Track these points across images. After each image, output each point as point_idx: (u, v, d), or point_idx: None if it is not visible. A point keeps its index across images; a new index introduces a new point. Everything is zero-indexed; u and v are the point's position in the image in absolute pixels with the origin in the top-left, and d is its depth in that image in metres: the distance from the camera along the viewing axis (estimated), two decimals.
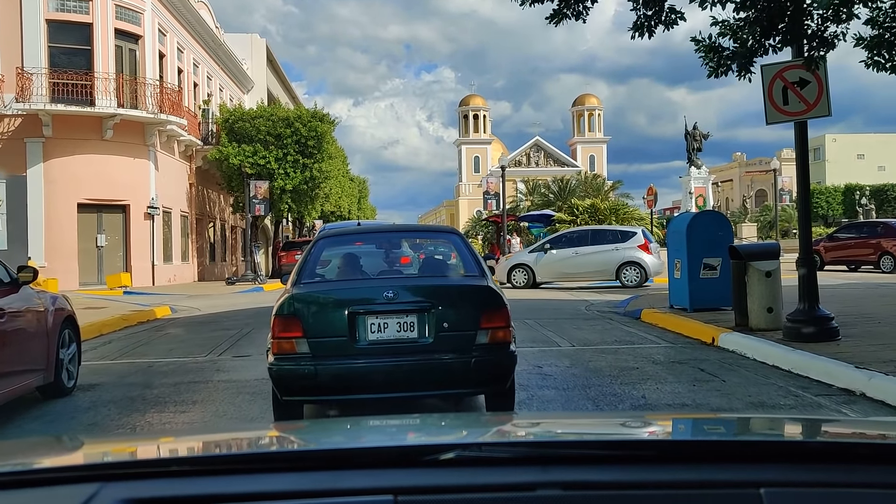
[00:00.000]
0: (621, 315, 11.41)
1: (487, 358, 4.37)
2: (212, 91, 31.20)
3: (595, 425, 1.85)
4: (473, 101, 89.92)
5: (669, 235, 10.76)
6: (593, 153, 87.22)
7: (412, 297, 4.46)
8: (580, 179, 40.94)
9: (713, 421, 1.98)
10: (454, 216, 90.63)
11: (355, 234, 6.24)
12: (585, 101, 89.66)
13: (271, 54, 40.31)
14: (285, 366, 4.31)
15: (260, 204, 26.05)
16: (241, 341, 9.15)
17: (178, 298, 17.63)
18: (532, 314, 11.42)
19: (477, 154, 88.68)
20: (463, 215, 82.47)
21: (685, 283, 10.19)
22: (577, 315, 11.47)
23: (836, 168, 76.28)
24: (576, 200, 30.97)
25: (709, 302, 10.05)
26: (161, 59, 24.73)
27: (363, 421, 2.37)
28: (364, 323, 4.33)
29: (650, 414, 4.27)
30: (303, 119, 26.19)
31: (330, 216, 40.67)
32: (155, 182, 23.46)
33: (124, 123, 21.72)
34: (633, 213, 30.05)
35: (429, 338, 4.34)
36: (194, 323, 11.60)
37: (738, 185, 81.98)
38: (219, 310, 14.13)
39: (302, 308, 4.41)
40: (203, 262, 29.17)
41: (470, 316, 4.42)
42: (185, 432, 3.13)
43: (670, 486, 1.04)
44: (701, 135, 39.79)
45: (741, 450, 1.20)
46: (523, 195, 49.16)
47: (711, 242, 10.03)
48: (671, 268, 10.71)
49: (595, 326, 9.94)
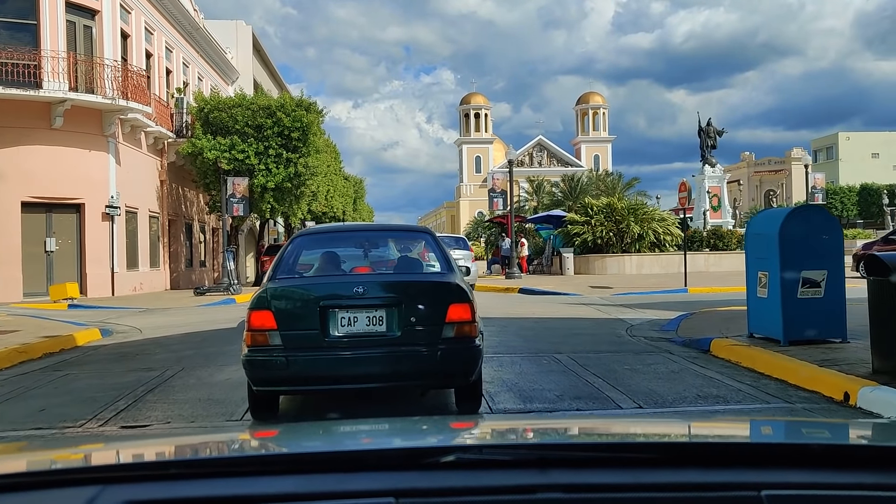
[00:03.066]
0: (679, 344, 8.62)
1: (453, 351, 4.55)
2: (189, 79, 28.40)
3: (596, 428, 1.91)
4: (474, 99, 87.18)
5: (750, 239, 7.95)
6: (598, 152, 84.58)
7: (381, 292, 4.69)
8: (591, 177, 38.12)
9: (714, 424, 2.13)
10: (455, 218, 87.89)
11: (330, 232, 6.65)
12: (590, 100, 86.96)
13: (258, 43, 37.49)
14: (258, 357, 4.52)
15: (238, 203, 23.20)
16: (154, 392, 6.37)
17: (128, 314, 14.85)
18: (562, 342, 8.63)
19: (478, 154, 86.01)
20: (464, 217, 79.76)
21: (776, 304, 7.39)
22: (620, 344, 8.68)
23: (850, 167, 73.48)
24: (590, 199, 28.13)
25: (810, 331, 7.29)
26: (125, 39, 21.94)
27: (361, 424, 2.39)
28: (335, 317, 4.54)
29: (651, 417, 4.36)
30: (286, 108, 23.36)
31: (322, 217, 37.90)
32: (116, 178, 20.65)
33: (77, 110, 18.92)
34: (654, 213, 27.19)
35: (396, 331, 4.53)
36: (115, 356, 8.80)
37: (748, 185, 79.21)
38: (165, 331, 11.34)
39: (275, 302, 4.60)
40: (177, 268, 26.35)
41: (436, 311, 4.58)
42: (186, 435, 3.08)
43: (671, 488, 1.03)
44: (715, 131, 37.41)
45: (742, 452, 1.20)
46: (528, 195, 46.37)
47: (814, 249, 7.25)
48: (752, 282, 7.91)
49: (655, 367, 7.15)
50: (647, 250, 26.01)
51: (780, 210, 8.03)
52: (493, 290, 20.59)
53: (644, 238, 25.73)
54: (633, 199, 30.27)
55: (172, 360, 8.22)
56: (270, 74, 42.79)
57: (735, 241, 27.42)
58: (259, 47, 38.50)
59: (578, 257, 25.92)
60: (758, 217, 7.98)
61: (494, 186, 24.46)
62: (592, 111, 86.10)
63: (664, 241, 26.24)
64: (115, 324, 12.60)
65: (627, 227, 25.59)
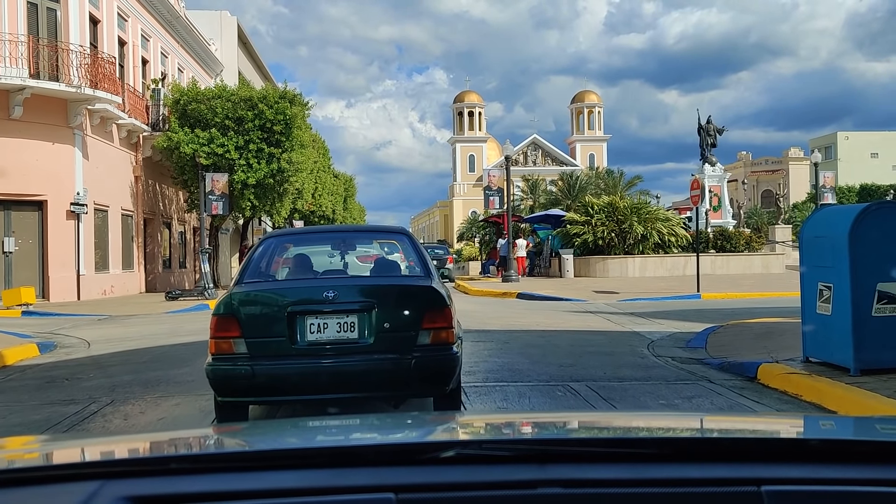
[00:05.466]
0: (715, 367, 7.24)
1: (429, 358, 4.33)
2: (168, 70, 26.87)
3: (595, 423, 1.90)
4: (468, 97, 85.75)
5: (807, 243, 6.56)
6: (593, 151, 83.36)
7: (353, 297, 4.44)
8: (590, 176, 36.74)
9: (714, 419, 2.08)
10: (448, 217, 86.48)
11: (302, 233, 6.69)
12: (585, 98, 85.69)
13: (244, 35, 35.97)
14: (221, 366, 4.28)
15: (218, 201, 21.69)
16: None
17: (85, 323, 13.38)
18: (576, 364, 7.22)
19: (472, 153, 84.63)
20: (458, 216, 78.31)
21: (844, 323, 6.01)
22: (646, 368, 7.26)
23: (849, 167, 72.46)
24: (590, 198, 26.72)
25: (889, 357, 5.91)
26: (95, 24, 20.41)
27: (361, 419, 2.46)
28: (303, 323, 4.31)
29: (651, 413, 4.19)
30: (268, 100, 21.87)
31: (310, 216, 36.41)
32: (83, 173, 19.12)
33: (39, 99, 17.39)
34: (658, 212, 25.80)
35: (369, 338, 4.32)
36: (40, 381, 7.33)
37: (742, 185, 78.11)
38: (115, 346, 9.88)
39: (240, 308, 4.38)
40: (154, 269, 24.83)
41: (412, 316, 4.39)
42: (186, 430, 3.06)
43: (671, 483, 1.03)
44: (716, 129, 36.29)
45: (742, 448, 1.19)
46: (524, 194, 44.90)
47: (892, 256, 5.88)
48: (809, 296, 6.52)
49: (697, 401, 5.75)
50: (650, 252, 24.67)
51: (847, 208, 6.64)
52: (488, 294, 19.17)
53: (648, 239, 24.39)
54: (637, 198, 28.85)
55: (105, 387, 6.79)
56: (258, 68, 41.24)
57: (742, 243, 26.13)
58: (245, 39, 36.98)
59: (578, 259, 24.55)
60: (817, 216, 6.58)
61: (490, 184, 23.06)
62: (587, 110, 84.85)
63: (669, 243, 24.91)
64: (64, 335, 11.14)
65: (630, 228, 24.24)
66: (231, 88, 22.95)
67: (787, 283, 20.46)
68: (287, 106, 21.88)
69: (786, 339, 8.49)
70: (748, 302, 14.95)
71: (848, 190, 65.48)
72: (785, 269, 25.49)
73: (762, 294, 16.70)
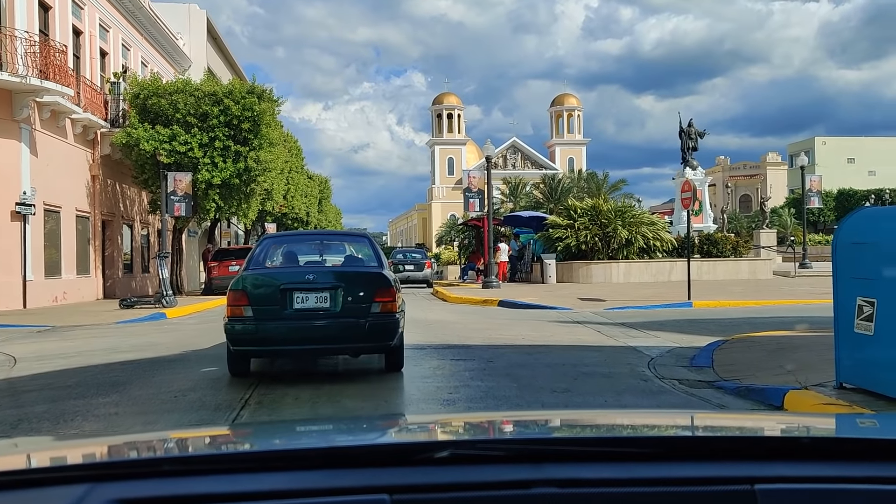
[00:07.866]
0: (730, 393, 6.24)
1: (378, 322, 6.26)
2: (130, 64, 25.46)
3: (589, 422, 1.87)
4: (447, 99, 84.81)
5: (843, 251, 5.57)
6: (573, 155, 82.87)
7: (326, 279, 6.41)
8: (573, 179, 35.87)
9: (707, 418, 2.09)
10: (427, 220, 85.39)
11: (290, 235, 11.01)
12: (565, 102, 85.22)
13: (213, 29, 34.59)
14: (235, 325, 6.27)
15: (181, 202, 20.40)
16: None
17: (21, 335, 12.07)
18: (571, 389, 6.17)
19: (451, 155, 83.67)
20: (436, 219, 77.27)
21: (890, 345, 5.04)
22: (651, 395, 6.21)
23: (827, 172, 72.56)
24: (573, 201, 25.79)
25: None
26: (46, 11, 19.03)
27: (355, 422, 2.51)
28: (291, 296, 6.22)
29: (644, 412, 4.24)
30: (234, 95, 20.62)
31: (283, 219, 35.06)
32: (30, 171, 17.72)
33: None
34: (642, 216, 24.95)
35: (337, 307, 6.25)
36: None
37: (722, 190, 78.13)
38: (43, 364, 8.63)
39: (248, 286, 6.38)
40: (114, 275, 23.41)
41: (367, 293, 6.32)
42: (176, 432, 2.95)
43: (665, 482, 1.03)
44: (697, 133, 35.72)
45: (735, 447, 1.19)
46: (504, 197, 43.90)
47: None
48: (845, 312, 5.54)
49: None
50: (635, 256, 23.81)
51: (885, 210, 5.69)
52: (468, 301, 18.09)
53: (633, 243, 23.53)
54: (623, 202, 28.01)
55: (9, 421, 5.60)
56: (229, 65, 39.84)
57: (729, 248, 25.40)
58: (215, 34, 35.60)
59: (561, 264, 23.61)
60: (856, 219, 5.58)
61: (471, 185, 22.02)
62: (567, 113, 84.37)
63: (654, 247, 24.08)
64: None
65: (614, 232, 23.36)
66: (195, 83, 21.64)
67: (777, 290, 19.72)
68: (255, 101, 20.66)
69: (801, 356, 7.55)
70: (743, 311, 14.07)
71: (826, 195, 65.62)
72: (773, 275, 24.80)
73: (756, 302, 15.84)
